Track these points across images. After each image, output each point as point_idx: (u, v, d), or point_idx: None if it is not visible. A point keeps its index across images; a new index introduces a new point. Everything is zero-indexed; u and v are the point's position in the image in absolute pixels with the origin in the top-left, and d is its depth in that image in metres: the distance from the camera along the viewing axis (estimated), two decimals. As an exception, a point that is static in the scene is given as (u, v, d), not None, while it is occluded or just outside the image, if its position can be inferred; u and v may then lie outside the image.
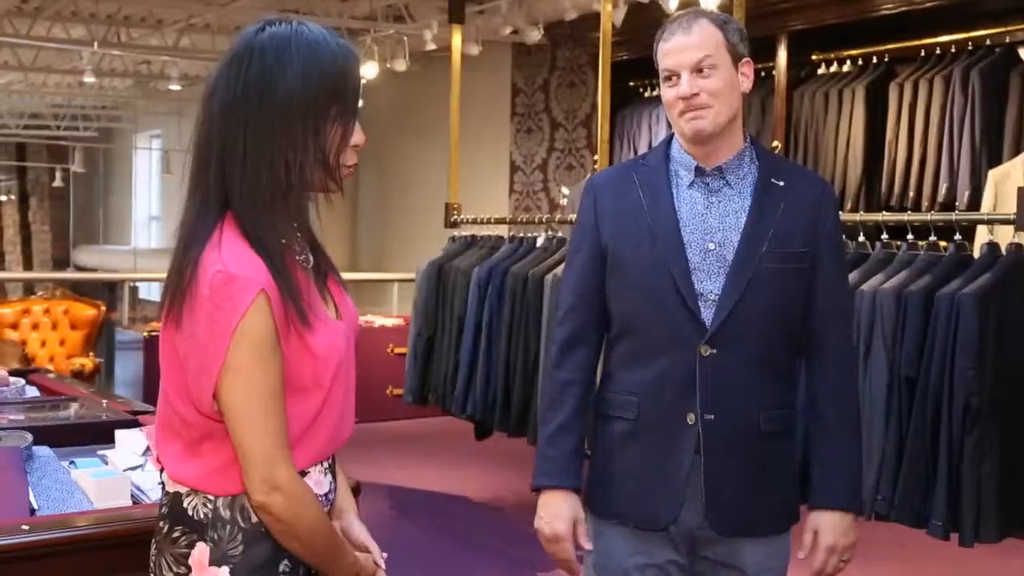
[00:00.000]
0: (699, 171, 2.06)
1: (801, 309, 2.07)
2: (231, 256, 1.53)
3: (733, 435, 2.02)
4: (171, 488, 1.63)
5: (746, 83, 2.07)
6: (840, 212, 2.94)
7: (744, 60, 2.06)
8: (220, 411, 1.54)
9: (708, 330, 2.00)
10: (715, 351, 2.00)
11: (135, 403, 3.39)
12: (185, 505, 1.60)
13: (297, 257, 1.63)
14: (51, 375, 4.16)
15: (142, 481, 2.34)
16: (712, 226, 2.04)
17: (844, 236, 3.61)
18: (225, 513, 1.58)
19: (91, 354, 7.10)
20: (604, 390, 2.13)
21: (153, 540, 1.67)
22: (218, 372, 1.51)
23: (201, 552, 1.58)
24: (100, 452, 2.53)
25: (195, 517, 1.59)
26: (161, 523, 1.65)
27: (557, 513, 2.08)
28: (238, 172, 1.56)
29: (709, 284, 2.02)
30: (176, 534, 1.61)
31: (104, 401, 3.25)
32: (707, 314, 2.01)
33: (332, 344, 1.62)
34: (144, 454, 2.46)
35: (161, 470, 1.67)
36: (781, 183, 2.06)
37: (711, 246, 2.02)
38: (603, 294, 2.10)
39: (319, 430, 1.62)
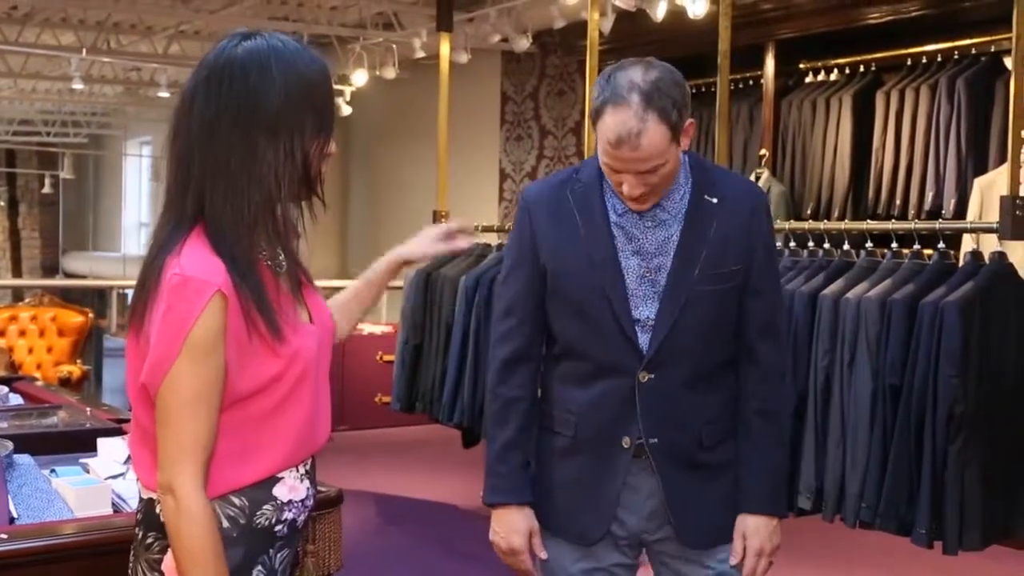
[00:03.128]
0: None
1: (736, 322, 2.08)
2: (189, 260, 1.54)
3: (679, 455, 2.05)
4: (144, 495, 1.64)
5: (687, 142, 1.99)
6: (826, 220, 2.91)
7: (686, 125, 1.96)
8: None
9: (645, 356, 2.01)
10: (653, 376, 2.02)
11: (120, 411, 3.37)
12: (158, 511, 1.60)
13: (268, 262, 1.63)
14: (37, 383, 4.15)
15: (123, 489, 2.33)
16: (648, 251, 2.03)
17: (830, 244, 3.66)
18: None
19: (79, 361, 7.07)
20: (546, 403, 2.14)
21: (131, 547, 1.67)
22: (166, 373, 1.52)
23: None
24: (82, 460, 2.52)
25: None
26: (137, 529, 1.65)
27: (512, 528, 2.11)
28: (222, 192, 1.57)
29: (645, 310, 2.02)
30: (150, 540, 1.61)
31: (88, 409, 3.25)
32: (644, 340, 2.01)
33: (299, 345, 1.62)
34: (126, 462, 2.46)
35: (137, 478, 1.67)
36: (714, 200, 2.04)
37: (646, 272, 2.02)
38: (544, 312, 2.11)
39: (286, 430, 1.63)
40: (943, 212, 5.48)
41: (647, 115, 1.89)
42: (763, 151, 6.26)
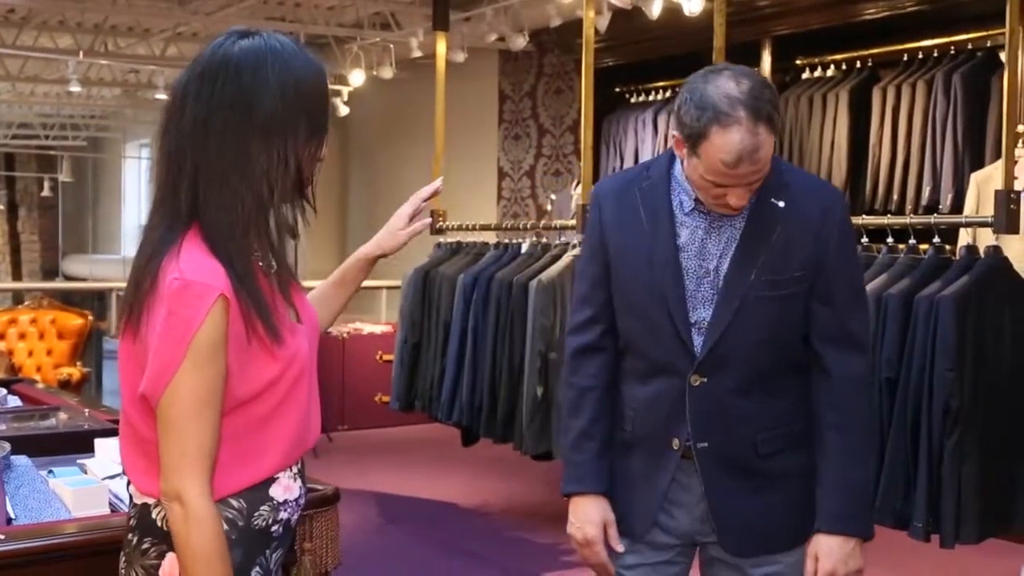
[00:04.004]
0: (699, 200, 2.01)
1: (801, 329, 2.01)
2: (189, 264, 1.52)
3: (731, 461, 2.02)
4: (139, 500, 1.63)
5: None
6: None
7: None
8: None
9: (696, 359, 1.98)
10: (705, 380, 1.99)
11: (119, 412, 3.37)
12: (154, 516, 1.60)
13: (260, 263, 1.62)
14: (37, 385, 4.15)
15: (120, 489, 2.33)
16: (710, 252, 2.00)
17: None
18: None
19: (79, 364, 7.08)
20: (618, 397, 2.14)
21: (122, 552, 1.66)
22: (170, 380, 1.50)
23: (171, 562, 1.57)
24: (79, 461, 2.53)
25: (164, 528, 1.58)
26: (130, 535, 1.64)
27: (586, 517, 2.09)
28: (215, 192, 1.55)
29: (703, 312, 1.99)
30: (146, 545, 1.60)
31: (86, 410, 3.25)
32: (699, 342, 1.99)
33: (296, 347, 1.62)
34: (123, 462, 2.46)
35: (128, 482, 1.66)
36: (781, 203, 1.98)
37: (706, 273, 2.00)
38: (613, 306, 2.11)
39: (283, 432, 1.62)
40: (940, 207, 5.48)
41: (758, 128, 1.85)
42: (760, 147, 6.26)
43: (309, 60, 1.62)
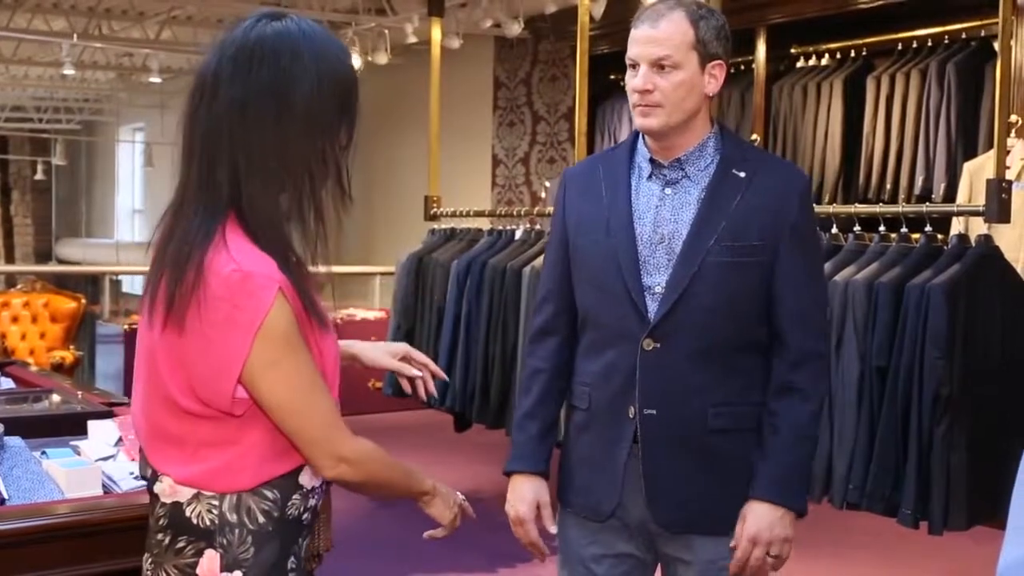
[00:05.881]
0: (655, 164, 2.05)
1: (760, 304, 2.01)
2: (242, 255, 1.49)
3: (676, 431, 2.00)
4: (168, 499, 1.59)
5: (712, 85, 2.00)
6: (816, 204, 2.96)
7: (715, 63, 2.00)
8: (263, 410, 1.53)
9: (650, 323, 1.99)
10: (659, 345, 1.98)
11: (112, 395, 3.38)
12: (188, 514, 1.57)
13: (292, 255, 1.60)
14: (31, 368, 4.15)
15: (113, 471, 2.34)
16: (664, 218, 2.02)
17: (819, 228, 3.66)
18: (232, 517, 1.55)
19: (71, 347, 7.08)
20: (571, 380, 2.15)
21: (147, 555, 1.63)
22: (239, 372, 1.49)
23: (211, 559, 1.56)
24: (72, 443, 2.54)
25: (200, 525, 1.56)
26: (160, 535, 1.60)
27: (520, 496, 2.13)
28: (258, 181, 1.52)
29: (657, 277, 2.00)
30: (180, 544, 1.57)
31: (79, 393, 3.26)
32: (653, 307, 1.99)
33: (332, 335, 1.62)
34: (116, 444, 2.47)
35: (152, 482, 1.62)
36: (742, 174, 2.01)
37: (662, 238, 2.01)
38: (571, 285, 2.12)
39: None
40: (933, 196, 5.50)
41: (675, 9, 1.98)
42: (755, 136, 6.28)
43: (340, 47, 1.60)
